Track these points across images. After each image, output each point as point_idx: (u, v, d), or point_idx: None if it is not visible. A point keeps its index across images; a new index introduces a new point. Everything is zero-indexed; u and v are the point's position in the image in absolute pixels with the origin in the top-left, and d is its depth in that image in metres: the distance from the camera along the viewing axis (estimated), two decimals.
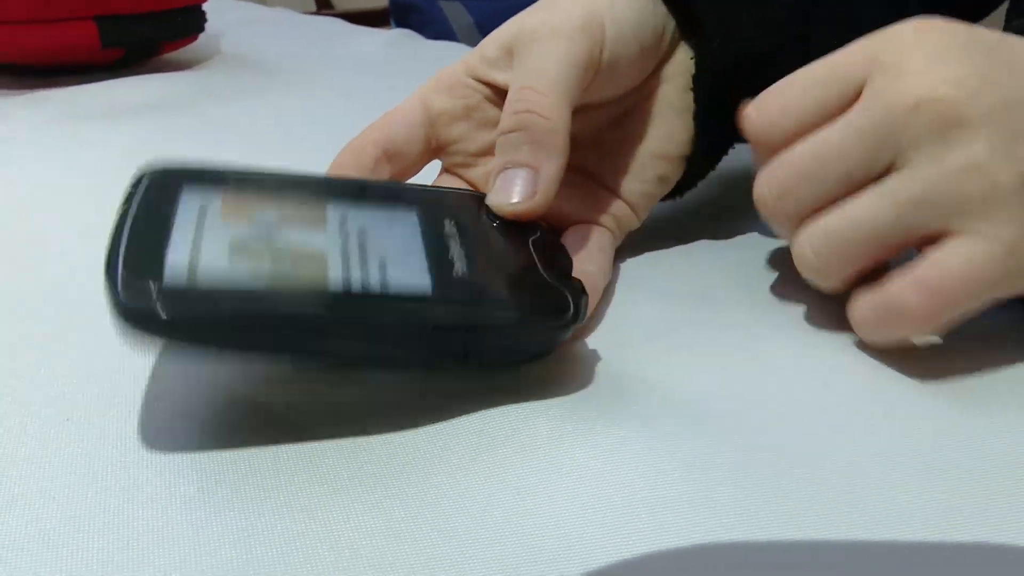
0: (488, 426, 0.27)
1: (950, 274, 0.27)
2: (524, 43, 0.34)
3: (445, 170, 0.38)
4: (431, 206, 0.32)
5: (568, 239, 0.35)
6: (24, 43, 0.63)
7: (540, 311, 0.28)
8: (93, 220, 0.41)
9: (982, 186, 0.27)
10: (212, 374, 0.30)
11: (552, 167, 0.31)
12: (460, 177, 0.38)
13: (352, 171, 0.34)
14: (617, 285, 0.36)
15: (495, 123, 0.37)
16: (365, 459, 0.26)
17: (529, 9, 0.36)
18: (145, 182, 0.29)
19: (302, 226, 0.28)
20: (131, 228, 0.26)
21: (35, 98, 0.60)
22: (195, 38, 0.73)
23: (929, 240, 0.28)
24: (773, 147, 0.31)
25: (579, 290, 0.29)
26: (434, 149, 0.37)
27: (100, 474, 0.25)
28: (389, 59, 0.80)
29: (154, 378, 0.29)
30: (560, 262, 0.31)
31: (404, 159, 0.36)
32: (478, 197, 0.33)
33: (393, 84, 0.70)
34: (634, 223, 0.38)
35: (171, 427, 0.27)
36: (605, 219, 0.37)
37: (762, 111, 0.32)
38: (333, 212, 0.30)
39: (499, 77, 0.36)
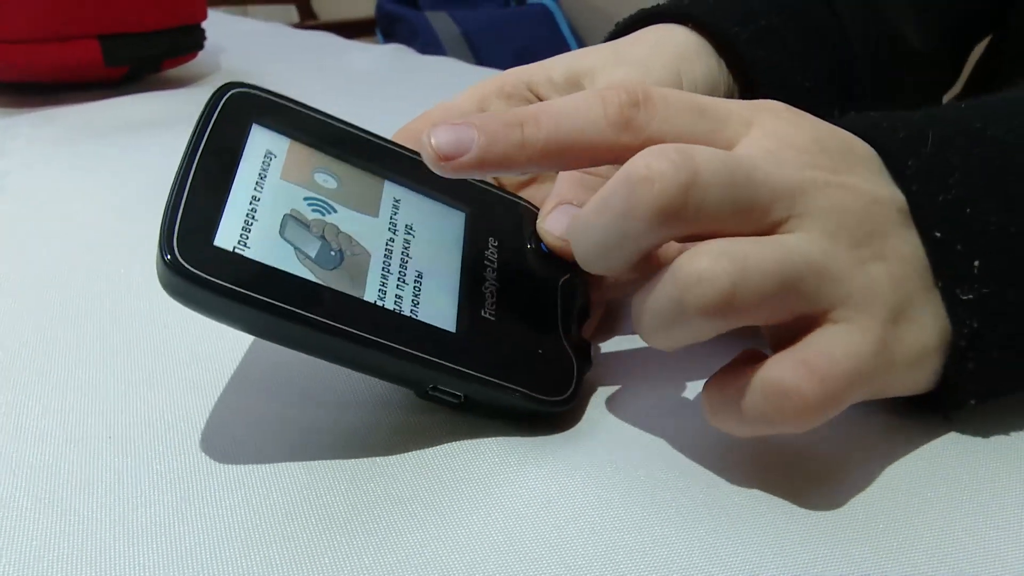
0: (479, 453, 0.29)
1: (837, 361, 0.25)
2: None
3: None
4: (481, 211, 0.33)
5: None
6: (28, 61, 0.64)
7: (542, 388, 0.29)
8: (111, 236, 0.42)
9: (867, 279, 0.26)
10: (245, 390, 0.31)
11: None
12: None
13: None
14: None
15: None
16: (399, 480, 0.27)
17: (612, 54, 0.38)
18: (220, 106, 0.29)
19: (355, 205, 0.30)
20: (194, 177, 0.27)
21: (42, 116, 0.61)
22: (195, 55, 0.74)
23: (800, 323, 0.26)
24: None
25: (584, 357, 0.31)
26: None
27: (147, 490, 0.26)
28: (384, 74, 0.81)
29: (188, 395, 0.31)
30: (578, 312, 0.32)
31: None
32: (528, 213, 0.35)
33: (390, 100, 0.71)
34: None
35: (213, 442, 0.28)
36: None
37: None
38: (388, 192, 0.31)
39: None
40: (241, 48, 0.85)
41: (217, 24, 0.79)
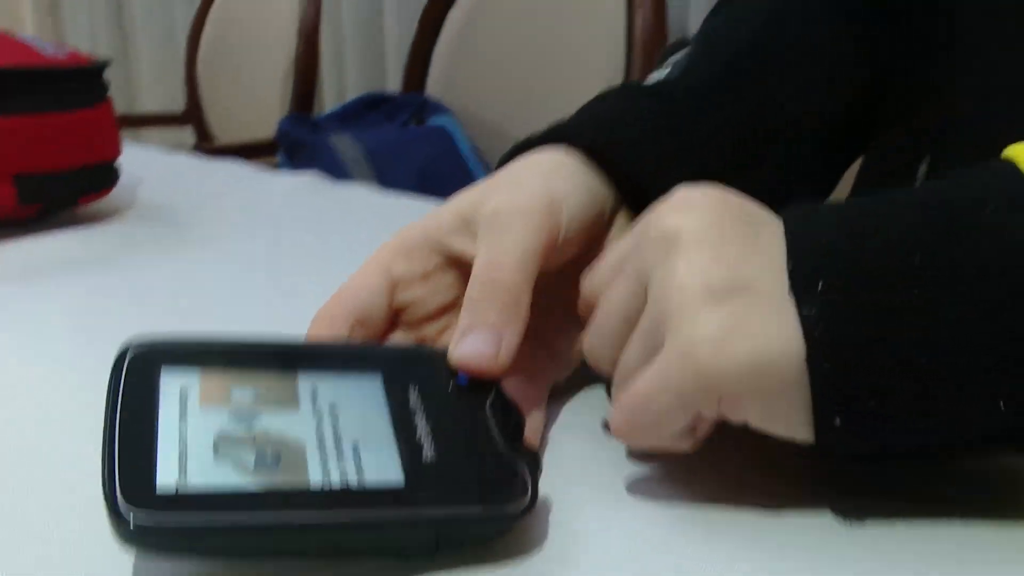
0: None
1: (635, 389, 0.31)
2: (490, 219, 0.37)
3: (399, 325, 0.41)
4: (394, 370, 0.35)
5: (509, 386, 0.37)
6: None
7: (502, 500, 0.30)
8: (39, 390, 0.42)
9: (677, 299, 0.30)
10: None
11: (514, 332, 0.35)
12: (412, 333, 0.40)
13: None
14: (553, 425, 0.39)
15: (449, 286, 0.40)
16: None
17: (491, 185, 0.40)
18: (126, 365, 0.31)
19: (277, 407, 0.31)
20: (120, 434, 0.28)
21: None
22: (110, 190, 0.74)
23: None
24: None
25: (534, 463, 0.32)
26: (396, 310, 0.40)
27: None
28: (301, 204, 0.82)
29: None
30: (513, 425, 0.34)
31: (372, 325, 0.38)
32: (439, 355, 0.36)
33: (310, 231, 0.72)
34: (567, 371, 0.41)
35: None
36: (541, 369, 0.40)
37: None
38: (304, 384, 0.33)
39: (456, 245, 0.39)
40: (154, 179, 0.85)
41: (129, 154, 0.79)
